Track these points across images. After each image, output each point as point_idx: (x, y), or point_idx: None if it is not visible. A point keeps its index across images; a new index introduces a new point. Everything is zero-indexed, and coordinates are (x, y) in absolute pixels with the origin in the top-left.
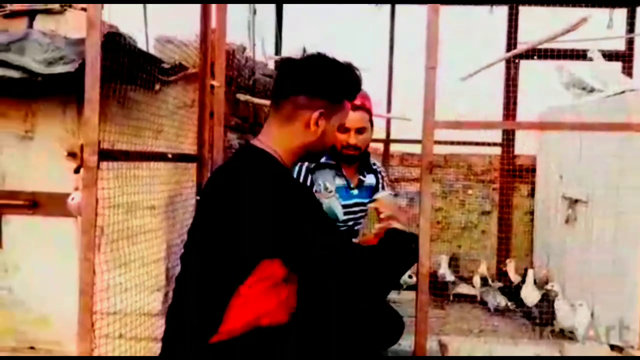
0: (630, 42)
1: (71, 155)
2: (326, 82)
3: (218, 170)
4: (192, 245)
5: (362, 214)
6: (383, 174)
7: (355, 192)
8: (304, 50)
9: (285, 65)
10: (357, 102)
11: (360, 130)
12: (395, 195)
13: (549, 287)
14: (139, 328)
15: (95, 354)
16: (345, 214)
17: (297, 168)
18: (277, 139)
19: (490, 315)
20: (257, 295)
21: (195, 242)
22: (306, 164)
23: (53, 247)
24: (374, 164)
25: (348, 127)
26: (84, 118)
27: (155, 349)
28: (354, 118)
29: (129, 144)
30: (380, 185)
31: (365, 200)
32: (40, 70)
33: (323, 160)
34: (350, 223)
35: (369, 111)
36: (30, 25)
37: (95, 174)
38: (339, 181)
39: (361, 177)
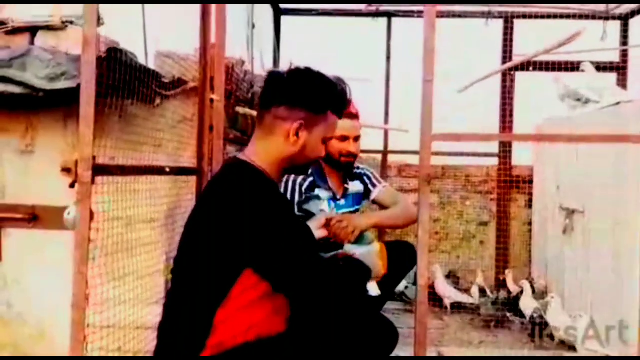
0: (624, 54)
1: (65, 170)
2: (307, 92)
3: (206, 186)
4: (180, 259)
5: None
6: (369, 173)
7: (342, 202)
8: (291, 64)
9: (269, 77)
10: (353, 110)
11: (356, 139)
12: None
13: (548, 297)
14: (133, 341)
15: None
16: None
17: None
18: (259, 151)
19: (490, 326)
20: (245, 307)
21: (183, 256)
22: (296, 197)
23: (52, 260)
24: (357, 168)
25: (347, 136)
26: (79, 134)
27: None
28: (352, 126)
29: (128, 158)
30: (370, 186)
31: (352, 209)
32: (42, 86)
33: (306, 178)
34: None
35: (359, 119)
36: (32, 42)
37: (89, 189)
38: (324, 194)
39: (345, 185)
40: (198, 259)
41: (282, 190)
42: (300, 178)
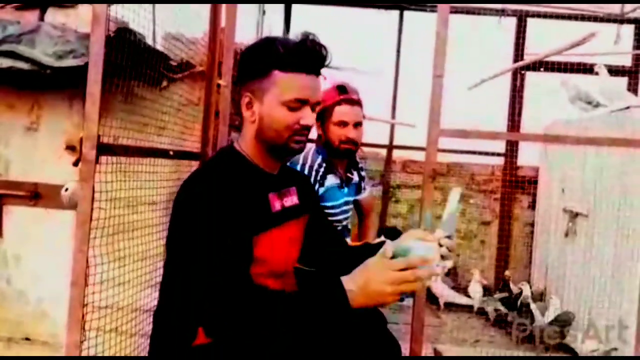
0: (637, 58)
1: (70, 148)
2: (244, 62)
3: None
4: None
5: (351, 212)
6: (364, 172)
7: (345, 190)
8: None
9: None
10: (354, 96)
11: (357, 125)
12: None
13: (547, 299)
14: (130, 323)
15: (84, 346)
16: (339, 213)
17: (313, 173)
18: (241, 135)
19: (486, 325)
20: None
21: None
22: (321, 171)
23: (53, 239)
24: (358, 162)
25: (347, 122)
26: (85, 112)
27: (146, 344)
28: (352, 112)
29: (132, 140)
30: (363, 184)
31: (352, 198)
32: (49, 63)
33: (321, 163)
34: (344, 222)
35: (362, 105)
36: (42, 18)
37: (93, 168)
38: (333, 180)
39: (348, 174)
40: (170, 244)
41: None
42: (316, 164)
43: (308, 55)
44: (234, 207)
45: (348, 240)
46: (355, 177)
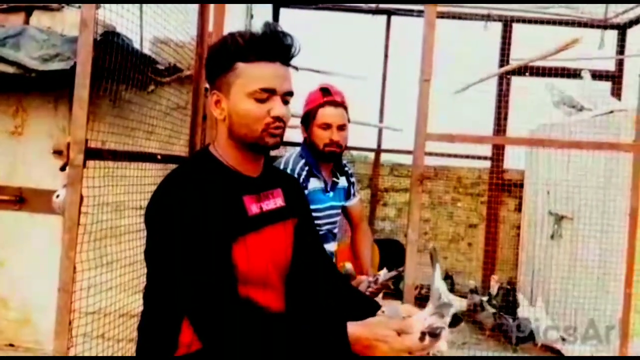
0: (620, 63)
1: (57, 152)
2: (208, 62)
3: None
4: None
5: (337, 217)
6: (353, 178)
7: (330, 194)
8: None
9: None
10: (337, 98)
11: (341, 127)
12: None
13: (537, 302)
14: (118, 329)
15: (72, 352)
16: (322, 217)
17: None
18: (216, 138)
19: (474, 328)
20: None
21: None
22: (303, 174)
23: (38, 243)
24: (345, 166)
25: (330, 124)
26: (72, 116)
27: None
28: (335, 114)
29: (120, 144)
30: (352, 191)
31: (339, 203)
32: (35, 66)
33: (304, 167)
34: (327, 227)
35: (346, 108)
36: (27, 21)
37: (81, 173)
38: (317, 183)
39: (334, 179)
40: (148, 254)
41: None
42: (298, 167)
43: (269, 43)
44: (206, 215)
45: (333, 245)
46: (343, 182)
